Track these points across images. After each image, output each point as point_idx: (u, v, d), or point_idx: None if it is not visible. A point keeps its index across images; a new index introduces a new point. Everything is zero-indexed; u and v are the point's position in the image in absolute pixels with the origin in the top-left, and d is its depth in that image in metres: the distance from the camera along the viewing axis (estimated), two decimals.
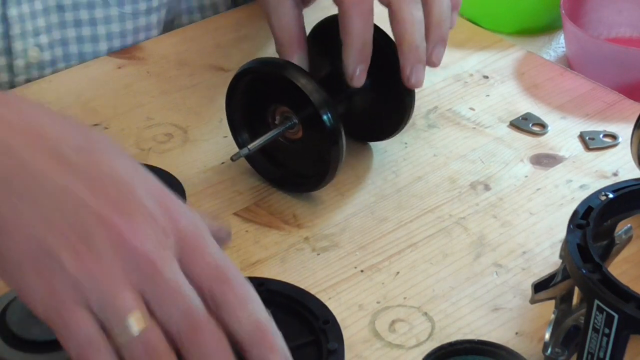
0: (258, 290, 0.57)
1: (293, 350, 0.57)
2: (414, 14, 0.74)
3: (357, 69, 0.74)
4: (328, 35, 0.80)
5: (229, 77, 0.78)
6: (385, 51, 0.76)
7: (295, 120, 0.75)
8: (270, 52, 0.94)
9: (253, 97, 0.77)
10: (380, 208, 0.77)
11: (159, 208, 0.55)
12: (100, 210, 0.53)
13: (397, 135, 0.82)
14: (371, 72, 0.78)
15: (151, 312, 0.53)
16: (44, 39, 0.90)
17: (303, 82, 0.72)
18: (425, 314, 0.68)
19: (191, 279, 0.54)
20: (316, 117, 0.72)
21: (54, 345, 0.61)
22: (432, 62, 0.75)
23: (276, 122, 0.76)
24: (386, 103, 0.79)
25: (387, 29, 0.77)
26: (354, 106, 0.79)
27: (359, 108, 0.80)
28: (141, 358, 0.52)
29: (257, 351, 0.54)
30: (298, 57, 0.77)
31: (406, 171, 0.80)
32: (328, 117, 0.72)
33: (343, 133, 0.73)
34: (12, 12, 0.88)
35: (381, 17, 0.77)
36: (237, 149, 0.77)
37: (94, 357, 0.52)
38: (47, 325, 0.53)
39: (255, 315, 0.54)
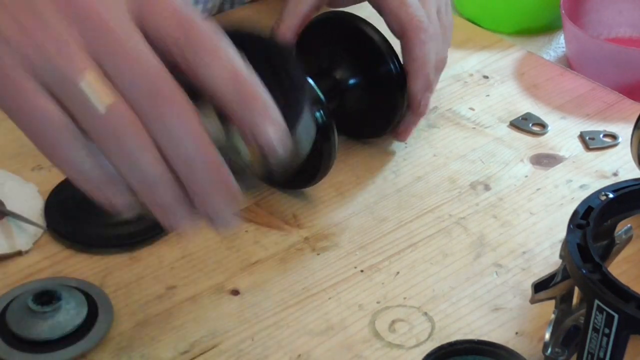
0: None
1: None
2: (428, 51, 0.75)
3: (424, 97, 0.75)
4: (320, 33, 0.80)
5: None
6: (378, 47, 0.77)
7: None
8: None
9: None
10: (380, 208, 0.77)
11: None
12: None
13: (387, 132, 0.82)
14: (363, 69, 0.78)
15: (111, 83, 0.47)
16: None
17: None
18: (425, 314, 0.68)
19: (151, 33, 0.48)
20: None
21: (53, 345, 0.61)
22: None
23: None
24: (378, 100, 0.80)
25: (379, 25, 0.77)
26: (346, 103, 0.80)
27: (352, 105, 0.80)
28: (109, 137, 0.46)
29: (241, 110, 0.47)
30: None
31: (406, 171, 0.81)
32: (320, 114, 0.72)
33: (335, 129, 0.73)
34: None
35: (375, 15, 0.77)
36: None
37: (58, 138, 0.47)
38: (9, 116, 0.48)
39: (232, 63, 0.47)
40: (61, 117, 0.47)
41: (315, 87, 0.72)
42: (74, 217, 0.74)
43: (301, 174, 0.76)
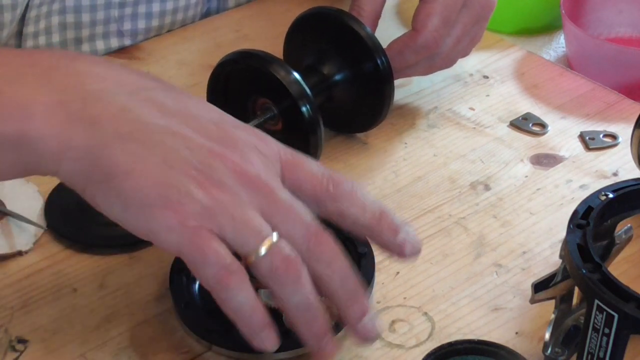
0: None
1: None
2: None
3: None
4: (309, 27, 0.81)
5: None
6: (365, 43, 0.78)
7: (275, 112, 0.76)
8: (271, 51, 0.94)
9: (234, 89, 0.78)
10: None
11: (255, 138, 0.60)
12: (212, 147, 0.58)
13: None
14: (351, 64, 0.79)
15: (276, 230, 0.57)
16: None
17: (282, 74, 0.73)
18: (425, 314, 0.68)
19: (299, 193, 0.59)
20: (295, 109, 0.73)
21: None
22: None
23: (257, 113, 0.77)
24: (366, 94, 0.80)
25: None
26: (334, 97, 0.81)
27: (340, 100, 0.81)
28: (278, 267, 0.56)
29: (385, 233, 0.61)
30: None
31: (406, 171, 0.81)
32: (307, 109, 0.73)
33: (321, 123, 0.74)
34: (29, 29, 0.88)
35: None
36: None
37: (233, 279, 0.56)
38: (182, 257, 0.56)
39: (373, 202, 0.61)
40: (236, 262, 0.56)
41: (303, 82, 0.73)
42: (74, 217, 0.74)
43: None
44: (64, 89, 0.58)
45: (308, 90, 0.73)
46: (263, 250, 0.56)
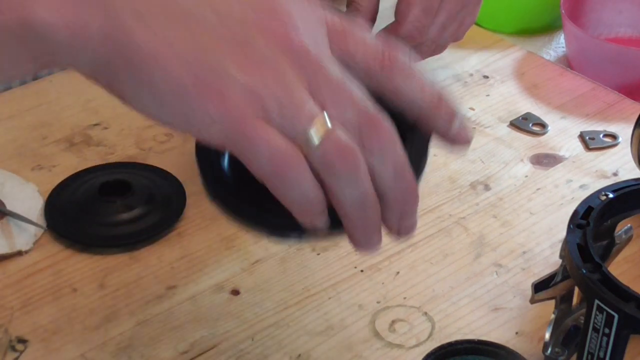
0: None
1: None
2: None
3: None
4: None
5: None
6: None
7: None
8: None
9: None
10: None
11: (303, 7, 0.51)
12: (247, 16, 0.49)
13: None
14: None
15: (327, 112, 0.49)
16: None
17: None
18: (425, 314, 0.68)
19: (350, 66, 0.51)
20: None
21: None
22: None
23: None
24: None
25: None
26: None
27: None
28: (334, 158, 0.49)
29: (442, 118, 0.54)
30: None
31: None
32: None
33: None
34: None
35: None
36: None
37: (291, 168, 0.48)
38: (229, 150, 0.49)
39: (432, 82, 0.53)
40: (292, 148, 0.49)
41: None
42: (74, 217, 0.74)
43: None
44: None
45: None
46: (316, 138, 0.48)
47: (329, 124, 0.49)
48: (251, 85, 0.48)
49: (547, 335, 0.62)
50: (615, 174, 0.80)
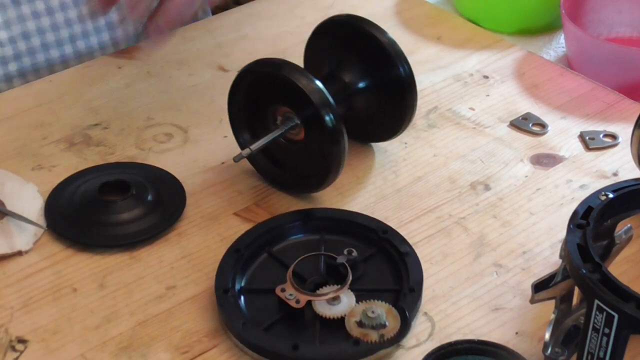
0: (305, 220, 0.70)
1: (362, 262, 0.67)
2: None
3: None
4: (330, 35, 0.80)
5: (229, 77, 0.78)
6: (386, 50, 0.77)
7: (297, 121, 0.75)
8: (271, 52, 0.94)
9: (254, 98, 0.77)
10: (380, 208, 0.77)
11: None
12: None
13: (397, 135, 0.82)
14: (372, 72, 0.78)
15: None
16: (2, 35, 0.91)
17: (304, 82, 0.72)
18: (425, 314, 0.68)
19: None
20: (318, 118, 0.72)
21: None
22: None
23: (277, 122, 0.76)
24: (388, 103, 0.79)
25: (386, 25, 0.78)
26: (355, 106, 0.79)
27: (361, 108, 0.80)
28: None
29: None
30: None
31: (406, 171, 0.81)
32: (330, 118, 0.71)
33: (345, 133, 0.72)
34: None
35: (384, 16, 0.77)
36: (238, 150, 0.77)
37: None
38: None
39: None
40: None
41: (325, 91, 0.71)
42: (74, 217, 0.74)
43: (310, 179, 0.76)
44: None
45: (331, 99, 0.72)
46: None
47: None
48: None
49: (547, 335, 0.62)
50: (615, 174, 0.80)
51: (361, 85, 0.78)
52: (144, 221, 0.74)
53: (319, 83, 0.72)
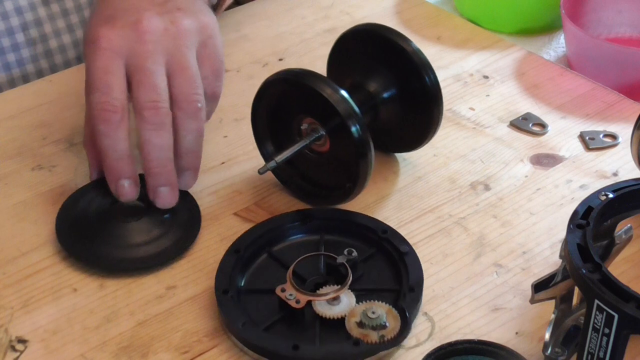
0: (305, 221, 0.72)
1: (362, 262, 0.68)
2: (156, 141, 0.72)
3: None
4: (354, 45, 0.79)
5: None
6: (412, 60, 0.75)
7: (323, 132, 0.73)
8: (270, 52, 0.94)
9: (278, 108, 0.75)
10: (380, 208, 0.77)
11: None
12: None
13: (422, 146, 0.81)
14: (398, 82, 0.77)
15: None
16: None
17: (329, 92, 0.70)
18: (425, 314, 0.68)
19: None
20: (344, 128, 0.70)
21: None
22: (182, 187, 0.75)
23: (302, 133, 0.75)
24: (413, 113, 0.78)
25: (406, 32, 0.78)
26: (379, 117, 0.78)
27: (385, 119, 0.78)
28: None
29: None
30: None
31: (406, 171, 0.80)
32: (356, 129, 0.70)
33: (371, 144, 0.71)
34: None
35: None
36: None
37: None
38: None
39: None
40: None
41: (351, 101, 0.70)
42: (87, 237, 0.72)
43: (335, 191, 0.75)
44: None
45: (357, 109, 0.70)
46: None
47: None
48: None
49: (547, 335, 0.62)
50: (615, 174, 0.80)
51: (386, 95, 0.77)
52: (159, 243, 0.72)
53: (344, 93, 0.71)
